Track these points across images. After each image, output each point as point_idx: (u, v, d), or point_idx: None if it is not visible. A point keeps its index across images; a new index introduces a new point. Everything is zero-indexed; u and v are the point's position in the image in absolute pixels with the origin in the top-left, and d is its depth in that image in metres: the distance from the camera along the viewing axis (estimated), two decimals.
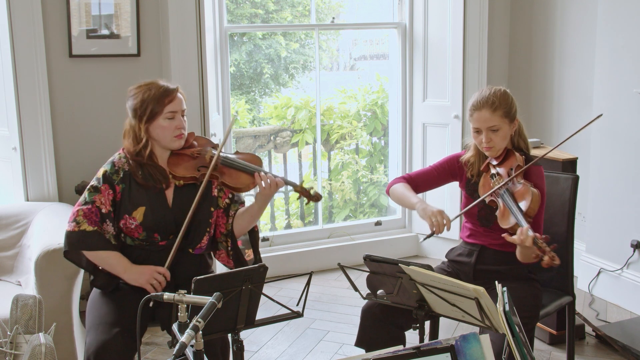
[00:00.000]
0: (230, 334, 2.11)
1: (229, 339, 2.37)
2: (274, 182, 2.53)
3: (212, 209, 2.59)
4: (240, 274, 2.02)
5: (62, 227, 2.58)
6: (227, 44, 4.32)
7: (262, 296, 2.10)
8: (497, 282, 1.85)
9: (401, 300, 2.22)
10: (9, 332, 2.16)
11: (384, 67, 6.11)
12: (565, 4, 4.43)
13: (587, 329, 3.60)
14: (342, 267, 2.27)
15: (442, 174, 2.82)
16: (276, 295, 3.73)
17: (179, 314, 1.83)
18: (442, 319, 2.59)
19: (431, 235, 2.58)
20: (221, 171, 2.57)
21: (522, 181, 2.58)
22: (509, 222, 2.49)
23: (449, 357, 1.53)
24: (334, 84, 6.22)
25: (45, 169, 3.73)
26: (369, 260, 2.22)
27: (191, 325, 1.62)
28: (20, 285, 3.19)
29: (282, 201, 5.65)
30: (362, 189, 5.77)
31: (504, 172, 2.62)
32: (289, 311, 2.19)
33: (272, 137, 5.68)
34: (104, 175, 2.53)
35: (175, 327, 1.84)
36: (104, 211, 2.49)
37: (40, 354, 1.96)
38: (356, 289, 2.34)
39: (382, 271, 2.19)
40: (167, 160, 2.59)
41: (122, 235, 2.55)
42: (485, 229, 2.71)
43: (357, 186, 5.72)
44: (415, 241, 4.88)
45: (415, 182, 2.81)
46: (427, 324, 2.26)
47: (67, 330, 2.96)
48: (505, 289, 1.76)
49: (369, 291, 2.36)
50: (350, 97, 5.90)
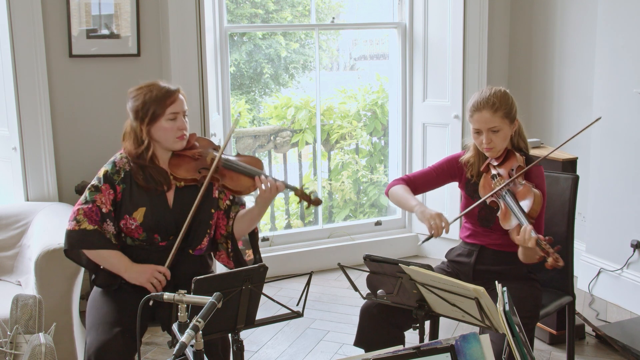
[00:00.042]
0: (230, 334, 2.11)
1: (229, 338, 2.37)
2: (274, 186, 2.51)
3: (213, 211, 2.59)
4: (240, 274, 2.02)
5: (62, 227, 2.57)
6: (227, 44, 4.32)
7: (262, 296, 2.10)
8: (497, 282, 1.85)
9: (401, 300, 2.22)
10: (9, 332, 2.16)
11: (384, 67, 6.11)
12: (565, 4, 4.43)
13: (587, 329, 3.60)
14: (342, 267, 2.27)
15: (442, 174, 2.82)
16: (276, 295, 3.73)
17: (179, 314, 1.83)
18: (442, 319, 2.59)
19: (429, 238, 2.58)
20: (222, 173, 2.56)
21: (523, 182, 2.57)
22: (511, 224, 2.48)
23: (449, 357, 1.53)
24: (334, 84, 6.22)
25: (45, 169, 3.73)
26: (369, 260, 2.22)
27: (191, 325, 1.62)
28: (20, 285, 3.19)
29: (282, 201, 5.65)
30: (362, 189, 5.77)
31: (504, 172, 2.61)
32: (289, 311, 2.19)
33: (272, 137, 5.68)
34: (104, 175, 2.53)
35: (175, 327, 1.84)
36: (104, 211, 2.49)
37: (40, 354, 1.96)
38: (356, 289, 2.34)
39: (382, 271, 2.19)
40: (168, 161, 2.58)
41: (123, 235, 2.55)
42: (484, 229, 2.71)
43: (357, 186, 5.72)
44: (415, 241, 4.88)
45: (414, 184, 2.81)
46: (427, 324, 2.26)
47: (67, 330, 2.96)
48: (505, 288, 1.76)
49: (369, 291, 2.36)
50: (350, 97, 5.90)
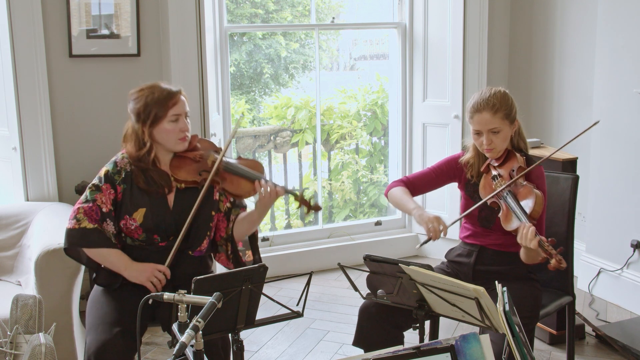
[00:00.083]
0: (230, 334, 2.11)
1: (229, 338, 2.37)
2: (274, 191, 2.50)
3: (213, 213, 2.59)
4: (240, 274, 2.02)
5: (62, 227, 2.57)
6: (227, 44, 4.32)
7: (262, 296, 2.10)
8: (497, 282, 1.85)
9: (401, 300, 2.22)
10: (9, 332, 2.16)
11: (384, 67, 6.11)
12: (565, 4, 4.43)
13: (587, 329, 3.60)
14: (342, 267, 2.27)
15: (441, 176, 2.81)
16: (276, 295, 3.73)
17: (179, 314, 1.83)
18: (442, 319, 2.58)
19: (427, 241, 2.58)
20: (222, 176, 2.55)
21: (524, 183, 2.56)
22: (513, 225, 2.48)
23: (449, 357, 1.53)
24: (334, 84, 6.22)
25: (45, 169, 3.73)
26: (369, 260, 2.22)
27: (191, 325, 1.62)
28: (20, 285, 3.19)
29: (282, 201, 5.64)
30: (362, 189, 5.77)
31: (505, 173, 2.60)
32: (289, 311, 2.19)
33: (272, 137, 5.68)
34: (105, 174, 2.53)
35: (175, 327, 1.84)
36: (104, 210, 2.49)
37: (40, 354, 1.96)
38: (356, 289, 2.33)
39: (382, 271, 2.19)
40: (169, 162, 2.58)
41: (123, 235, 2.55)
42: (485, 229, 2.71)
43: (357, 186, 5.72)
44: (415, 241, 4.87)
45: (413, 185, 2.81)
46: (427, 324, 2.26)
47: (67, 330, 2.96)
48: (505, 288, 1.76)
49: (369, 291, 2.36)
50: (350, 97, 5.90)
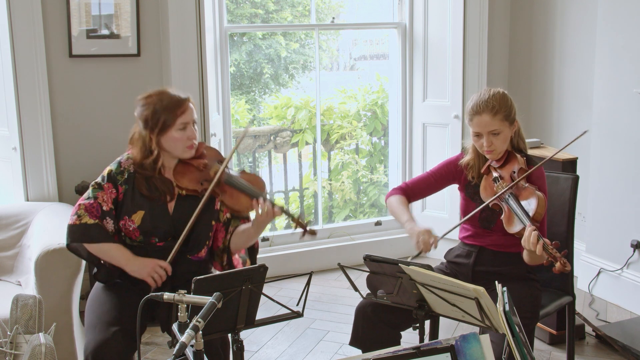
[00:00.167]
0: (230, 334, 2.11)
1: (228, 338, 2.37)
2: (270, 212, 2.47)
3: (213, 223, 2.58)
4: (240, 274, 2.02)
5: (62, 227, 2.58)
6: (227, 44, 4.32)
7: (262, 296, 2.10)
8: (497, 282, 1.85)
9: (401, 300, 2.22)
10: (9, 332, 2.16)
11: (384, 67, 6.11)
12: (565, 4, 4.43)
13: (587, 329, 3.60)
14: (342, 267, 2.27)
15: (440, 179, 2.81)
16: (276, 295, 3.72)
17: (179, 314, 1.83)
18: (442, 319, 2.58)
19: (418, 254, 2.58)
20: (223, 189, 2.54)
21: (526, 184, 2.55)
22: (515, 228, 2.47)
23: (449, 357, 1.53)
24: (334, 84, 6.22)
25: (45, 169, 3.73)
26: (369, 260, 2.22)
27: (191, 325, 1.62)
28: (20, 285, 3.19)
29: (282, 201, 5.65)
30: (362, 189, 5.77)
31: (506, 174, 2.59)
32: (289, 311, 2.18)
33: (272, 137, 5.68)
34: (109, 174, 2.53)
35: (175, 327, 1.84)
36: (105, 209, 2.49)
37: (40, 354, 1.96)
38: (356, 289, 2.33)
39: (382, 271, 2.19)
40: (173, 167, 2.57)
41: (122, 234, 2.55)
42: (485, 230, 2.70)
43: (357, 186, 5.72)
44: None
45: (412, 191, 2.81)
46: (427, 324, 2.26)
47: (67, 330, 2.96)
48: (505, 288, 1.76)
49: (369, 291, 2.36)
50: (350, 97, 5.90)
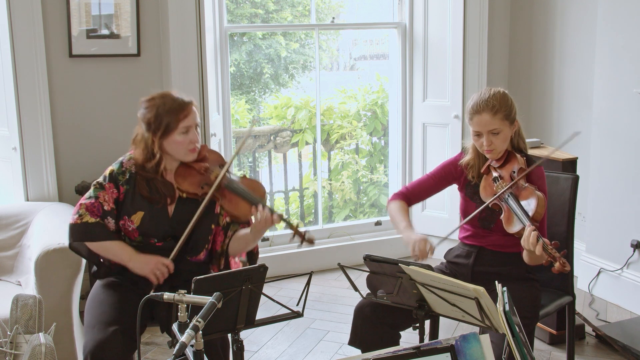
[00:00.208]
0: (230, 334, 2.11)
1: (228, 338, 2.37)
2: (269, 220, 2.46)
3: (213, 226, 2.59)
4: (240, 274, 2.02)
5: (62, 227, 2.58)
6: (227, 44, 4.32)
7: (262, 296, 2.10)
8: (497, 282, 1.85)
9: (401, 300, 2.22)
10: (9, 332, 2.16)
11: (384, 67, 6.11)
12: (565, 4, 4.43)
13: (587, 329, 3.60)
14: (342, 267, 2.27)
15: (440, 181, 2.82)
16: (276, 295, 3.72)
17: (179, 313, 1.83)
18: (442, 319, 2.58)
19: (416, 262, 2.57)
20: (223, 194, 2.53)
21: (526, 184, 2.55)
22: (515, 227, 2.47)
23: (449, 357, 1.53)
24: (334, 84, 6.22)
25: (45, 169, 3.73)
26: (369, 260, 2.22)
27: (191, 325, 1.62)
28: (20, 285, 3.19)
29: (282, 201, 5.65)
30: (362, 189, 5.77)
31: (506, 174, 2.59)
32: (289, 311, 2.18)
33: (272, 137, 5.68)
34: (110, 174, 2.53)
35: (175, 327, 1.84)
36: (106, 208, 2.49)
37: (40, 354, 1.96)
38: (356, 289, 2.33)
39: (382, 271, 2.19)
40: (175, 170, 2.57)
41: (122, 234, 2.55)
42: (484, 230, 2.70)
43: (357, 186, 5.72)
44: None
45: (413, 194, 2.84)
46: (427, 324, 2.26)
47: (67, 330, 2.96)
48: (505, 288, 1.76)
49: (369, 291, 2.36)
50: (350, 97, 5.90)
